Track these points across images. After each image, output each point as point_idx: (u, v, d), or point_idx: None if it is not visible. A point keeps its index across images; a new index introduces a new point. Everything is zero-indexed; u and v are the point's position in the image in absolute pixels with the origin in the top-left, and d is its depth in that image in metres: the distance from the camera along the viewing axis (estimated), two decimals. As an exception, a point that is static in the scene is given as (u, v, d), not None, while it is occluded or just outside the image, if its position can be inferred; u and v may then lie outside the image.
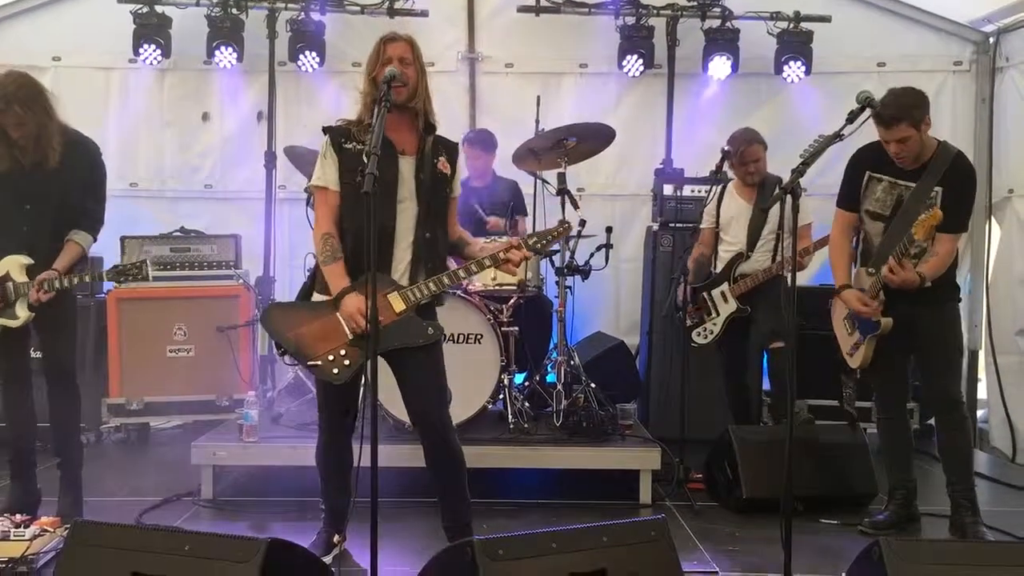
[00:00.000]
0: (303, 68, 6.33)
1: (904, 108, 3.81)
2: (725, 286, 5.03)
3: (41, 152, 3.81)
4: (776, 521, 3.60)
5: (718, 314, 5.04)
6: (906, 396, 4.31)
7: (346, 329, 3.35)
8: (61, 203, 3.94)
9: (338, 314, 3.36)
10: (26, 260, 3.91)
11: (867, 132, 3.64)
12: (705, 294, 5.10)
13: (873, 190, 4.06)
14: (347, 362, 3.34)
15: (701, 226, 5.21)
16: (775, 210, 4.67)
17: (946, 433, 4.12)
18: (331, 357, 3.34)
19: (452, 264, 3.66)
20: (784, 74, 6.31)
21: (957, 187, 3.88)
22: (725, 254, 5.10)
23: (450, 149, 3.63)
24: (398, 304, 3.37)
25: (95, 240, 4.11)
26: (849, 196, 4.16)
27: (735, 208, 5.11)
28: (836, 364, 4.30)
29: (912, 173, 3.95)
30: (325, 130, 3.52)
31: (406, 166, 3.46)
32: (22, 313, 3.89)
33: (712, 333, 5.03)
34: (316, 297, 3.50)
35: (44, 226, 3.94)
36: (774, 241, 4.95)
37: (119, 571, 2.59)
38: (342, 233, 3.44)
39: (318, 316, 3.40)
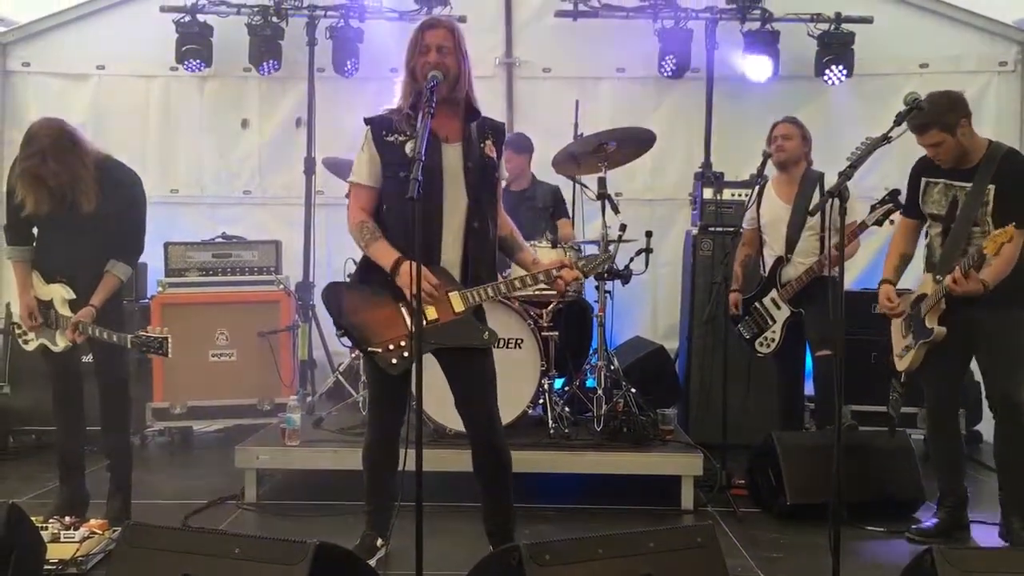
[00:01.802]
0: (348, 73, 6.41)
1: (933, 114, 3.79)
2: (774, 292, 4.98)
3: (76, 199, 3.87)
4: (820, 528, 3.57)
5: (774, 321, 4.98)
6: (958, 404, 4.23)
7: (406, 320, 3.34)
8: (99, 239, 3.99)
9: (400, 305, 3.33)
10: (69, 295, 4.00)
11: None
12: (757, 304, 5.05)
13: (930, 193, 4.07)
14: (405, 354, 3.31)
15: (743, 227, 5.18)
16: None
17: (1003, 438, 4.02)
18: (391, 347, 3.32)
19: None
20: (825, 76, 6.26)
21: (1010, 182, 3.83)
22: (768, 259, 5.06)
23: (497, 130, 3.54)
24: (458, 304, 3.36)
25: (133, 270, 4.19)
26: (909, 204, 4.20)
27: (774, 210, 5.05)
28: (879, 369, 4.25)
29: (966, 174, 3.93)
30: (367, 121, 3.46)
31: (452, 154, 3.39)
32: (62, 342, 4.00)
33: (774, 341, 4.97)
34: None
35: (84, 258, 4.01)
36: (815, 241, 4.88)
37: (170, 573, 2.61)
38: (387, 228, 3.39)
39: (379, 304, 3.37)
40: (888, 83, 6.32)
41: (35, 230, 4.08)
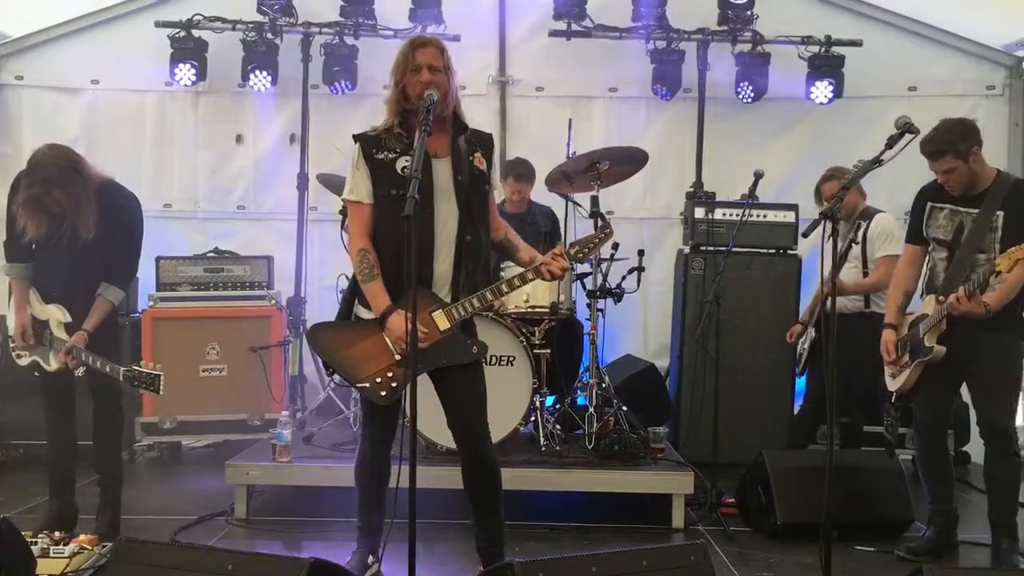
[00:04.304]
0: (339, 91, 6.44)
1: (948, 142, 3.86)
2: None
3: (75, 225, 3.88)
4: (811, 547, 3.59)
5: (806, 343, 5.19)
6: (947, 424, 4.25)
7: (393, 349, 3.34)
8: (96, 264, 4.00)
9: (384, 334, 3.35)
10: (65, 317, 4.00)
11: (906, 158, 3.57)
12: (811, 327, 5.23)
13: (936, 218, 4.10)
14: (394, 384, 3.32)
15: None
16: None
17: (991, 464, 4.04)
18: (378, 379, 3.33)
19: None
20: (813, 96, 6.33)
21: (1021, 210, 3.86)
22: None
23: (485, 141, 3.56)
24: (442, 322, 3.34)
25: (125, 293, 4.20)
26: (913, 230, 4.23)
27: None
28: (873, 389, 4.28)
29: (972, 200, 3.97)
30: (355, 138, 3.46)
31: (442, 169, 3.39)
32: (55, 363, 3.99)
33: (802, 359, 5.15)
34: (360, 311, 3.46)
35: (81, 281, 4.01)
36: (856, 273, 5.01)
37: (162, 589, 2.62)
38: (377, 246, 3.40)
39: (364, 336, 3.38)
40: (877, 105, 6.38)
41: (33, 246, 4.08)
